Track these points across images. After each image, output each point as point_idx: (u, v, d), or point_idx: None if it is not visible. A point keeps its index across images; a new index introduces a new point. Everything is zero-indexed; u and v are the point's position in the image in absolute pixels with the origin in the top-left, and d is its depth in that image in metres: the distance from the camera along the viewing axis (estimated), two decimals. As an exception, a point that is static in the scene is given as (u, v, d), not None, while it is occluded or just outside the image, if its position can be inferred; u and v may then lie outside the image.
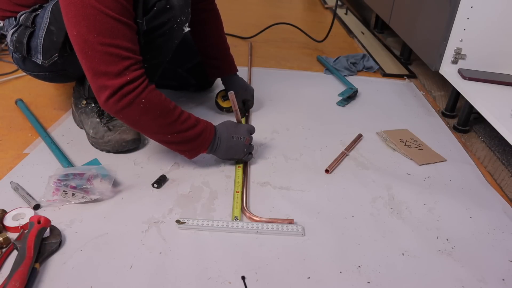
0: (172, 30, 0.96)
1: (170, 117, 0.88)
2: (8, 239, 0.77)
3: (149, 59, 1.00)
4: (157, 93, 0.87)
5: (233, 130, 1.00)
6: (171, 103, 0.89)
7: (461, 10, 1.25)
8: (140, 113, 0.85)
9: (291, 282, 0.74)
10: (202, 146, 0.96)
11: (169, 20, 0.93)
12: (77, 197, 0.87)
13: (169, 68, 1.33)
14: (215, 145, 0.97)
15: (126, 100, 0.82)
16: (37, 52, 0.98)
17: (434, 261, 0.81)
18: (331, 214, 0.91)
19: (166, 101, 0.88)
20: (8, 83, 1.42)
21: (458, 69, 1.33)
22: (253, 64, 1.74)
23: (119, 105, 0.83)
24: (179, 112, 0.90)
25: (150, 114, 0.86)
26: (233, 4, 2.67)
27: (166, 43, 1.00)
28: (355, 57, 1.81)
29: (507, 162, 1.15)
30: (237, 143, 1.00)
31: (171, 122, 0.89)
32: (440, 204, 0.97)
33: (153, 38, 0.95)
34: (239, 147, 1.00)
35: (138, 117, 0.86)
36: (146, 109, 0.85)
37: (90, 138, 1.08)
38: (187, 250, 0.79)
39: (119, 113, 0.85)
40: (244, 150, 1.01)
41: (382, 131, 1.25)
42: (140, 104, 0.84)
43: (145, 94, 0.84)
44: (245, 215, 0.89)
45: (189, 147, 0.95)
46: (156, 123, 0.88)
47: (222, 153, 1.00)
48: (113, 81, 0.80)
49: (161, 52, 1.02)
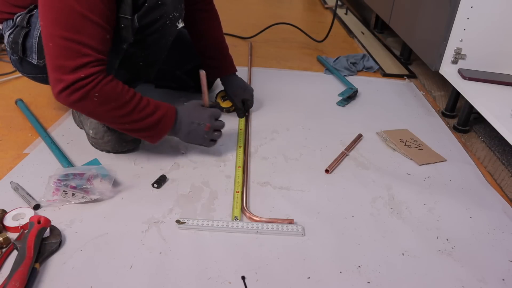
0: (165, 27, 0.95)
1: (126, 108, 0.88)
2: (8, 239, 0.77)
3: (144, 57, 1.00)
4: (113, 85, 0.86)
5: (195, 114, 0.99)
6: (128, 92, 0.88)
7: (461, 10, 1.25)
8: (94, 106, 0.85)
9: (291, 282, 0.74)
10: (162, 132, 0.95)
11: (161, 17, 0.93)
12: (77, 197, 0.87)
13: (168, 70, 1.33)
14: (175, 129, 0.97)
15: (78, 94, 0.82)
16: (32, 52, 0.98)
17: (434, 261, 0.81)
18: (331, 214, 0.91)
19: (123, 92, 0.87)
20: (8, 83, 1.42)
21: (458, 69, 1.33)
22: (253, 64, 1.74)
23: (71, 98, 0.83)
24: (136, 101, 0.89)
25: (104, 106, 0.86)
26: (233, 4, 2.67)
27: (160, 40, 0.99)
28: (355, 57, 1.81)
29: (507, 162, 1.15)
30: (197, 129, 0.99)
31: (128, 113, 0.88)
32: (440, 204, 0.97)
33: (146, 35, 0.95)
34: (198, 133, 1.00)
35: (92, 110, 0.86)
36: (100, 102, 0.85)
37: (90, 138, 1.08)
38: (187, 250, 0.79)
39: (73, 106, 0.85)
40: (203, 136, 1.01)
41: (382, 131, 1.25)
42: (94, 98, 0.83)
43: (98, 88, 0.83)
44: (245, 215, 0.89)
45: (148, 134, 0.95)
46: (111, 114, 0.88)
47: (182, 137, 1.00)
48: (67, 75, 0.81)
49: (156, 49, 1.02)
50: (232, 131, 1.21)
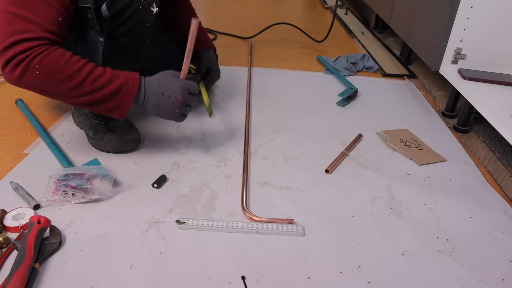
0: (138, 12, 0.92)
1: (75, 79, 0.83)
2: (8, 239, 0.77)
3: (125, 48, 0.98)
4: (56, 55, 0.81)
5: (166, 85, 0.92)
6: (78, 63, 0.83)
7: (461, 10, 1.25)
8: (39, 79, 0.81)
9: (291, 282, 0.74)
10: (125, 102, 0.89)
11: (131, 2, 0.90)
12: (77, 197, 0.87)
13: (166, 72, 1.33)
14: (141, 99, 0.91)
15: (19, 69, 0.80)
16: None
17: (434, 261, 0.81)
18: (331, 214, 0.91)
19: (70, 62, 0.83)
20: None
21: (458, 69, 1.33)
22: (253, 64, 1.74)
23: (14, 74, 0.81)
24: (87, 71, 0.84)
25: (50, 79, 0.82)
26: (233, 4, 2.68)
27: (137, 27, 0.95)
28: (355, 57, 1.81)
29: (507, 162, 1.15)
30: (167, 101, 0.92)
31: (78, 84, 0.83)
32: (440, 204, 0.97)
33: (120, 24, 0.93)
34: (168, 106, 0.93)
35: (39, 84, 0.83)
36: (44, 75, 0.81)
37: (90, 139, 1.08)
38: (187, 250, 0.79)
39: (18, 83, 0.83)
40: (174, 111, 0.94)
41: (382, 131, 1.25)
42: (36, 71, 0.80)
43: (38, 59, 0.80)
44: (245, 215, 0.89)
45: (110, 106, 0.89)
46: (61, 88, 0.83)
47: (151, 109, 0.94)
48: (6, 51, 0.79)
49: (136, 38, 0.98)
50: (233, 131, 1.21)
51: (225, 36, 2.07)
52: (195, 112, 1.29)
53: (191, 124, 1.22)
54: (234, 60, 1.76)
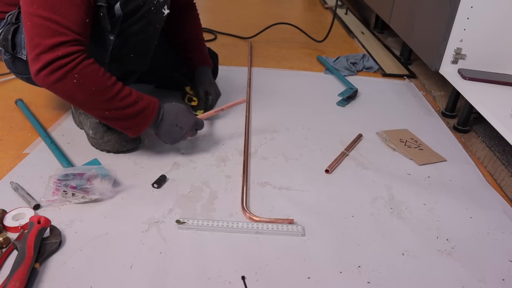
0: (150, 13, 0.94)
1: (106, 94, 0.86)
2: (8, 239, 0.77)
3: (133, 47, 0.99)
4: (94, 68, 0.84)
5: (181, 118, 0.99)
6: (110, 79, 0.87)
7: (461, 10, 1.25)
8: (73, 88, 0.83)
9: (291, 282, 0.74)
10: (142, 124, 0.94)
11: (145, 3, 0.92)
12: (77, 197, 0.87)
13: (165, 73, 1.33)
14: (156, 123, 0.97)
15: (57, 74, 0.81)
16: (22, 47, 0.98)
17: (434, 261, 0.81)
18: (331, 214, 0.91)
19: (104, 77, 0.86)
20: (8, 83, 1.42)
21: (458, 69, 1.33)
22: (253, 64, 1.74)
23: (49, 79, 0.81)
24: (118, 89, 0.87)
25: (84, 90, 0.84)
26: (233, 4, 2.68)
27: (147, 28, 0.97)
28: (355, 57, 1.81)
29: (507, 162, 1.15)
30: (177, 132, 1.00)
31: (108, 99, 0.87)
32: (440, 204, 0.97)
33: (131, 23, 0.93)
34: (177, 137, 1.01)
35: (71, 93, 0.84)
36: (80, 85, 0.83)
37: (90, 138, 1.08)
38: (187, 250, 0.79)
39: (51, 87, 0.83)
40: (179, 140, 1.04)
41: (382, 131, 1.25)
42: (73, 79, 0.82)
43: (78, 69, 0.82)
44: (245, 215, 0.89)
45: (128, 125, 0.93)
46: (91, 99, 0.86)
47: (160, 133, 1.00)
48: (45, 54, 0.79)
49: (145, 38, 1.00)
50: (233, 131, 1.21)
51: (225, 36, 2.07)
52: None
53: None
54: (234, 60, 1.76)
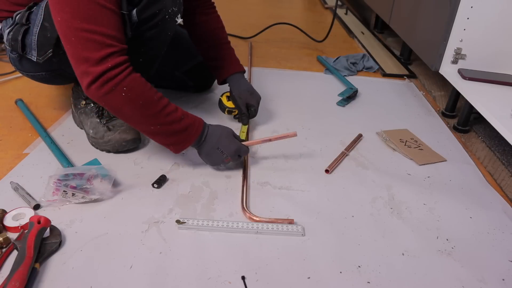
0: (164, 21, 0.95)
1: (153, 108, 0.87)
2: (8, 239, 0.77)
3: (143, 52, 0.99)
4: (141, 81, 0.86)
5: (224, 143, 0.97)
6: (157, 94, 0.88)
7: (461, 10, 1.25)
8: (122, 101, 0.84)
9: (291, 282, 0.74)
10: (187, 141, 0.94)
11: (160, 11, 0.93)
12: (77, 197, 0.87)
13: (167, 71, 1.33)
14: (199, 142, 0.96)
15: (108, 86, 0.81)
16: (32, 49, 0.98)
17: (434, 261, 0.81)
18: (331, 214, 0.91)
19: (151, 91, 0.87)
20: (8, 83, 1.42)
21: (458, 69, 1.33)
22: (253, 64, 1.74)
23: (101, 91, 0.82)
24: (164, 104, 0.88)
25: (132, 103, 0.85)
26: (233, 4, 2.67)
27: (160, 35, 0.99)
28: (355, 57, 1.81)
29: (507, 162, 1.15)
30: (218, 156, 0.98)
31: (155, 113, 0.87)
32: (440, 204, 0.97)
33: (145, 30, 0.94)
34: (217, 160, 0.99)
35: (120, 105, 0.85)
36: (129, 98, 0.84)
37: (90, 138, 1.08)
38: (187, 250, 0.79)
39: (102, 100, 0.84)
40: (219, 164, 1.01)
41: (382, 131, 1.25)
42: (122, 92, 0.83)
43: (127, 81, 0.83)
44: (245, 215, 0.89)
45: (172, 141, 0.93)
46: (139, 113, 0.87)
47: (201, 153, 0.99)
48: (94, 67, 0.80)
49: (155, 45, 1.01)
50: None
51: (225, 36, 2.06)
52: (195, 111, 1.29)
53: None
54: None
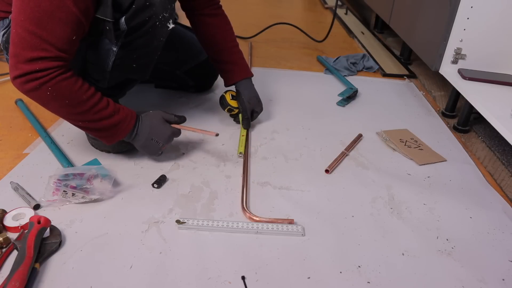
0: (155, 28, 0.94)
1: (80, 107, 0.87)
2: (8, 239, 0.77)
3: (136, 58, 0.99)
4: (70, 82, 0.85)
5: (157, 132, 0.98)
6: (86, 93, 0.87)
7: (461, 10, 1.25)
8: (47, 98, 0.84)
9: (291, 282, 0.74)
10: (116, 136, 0.95)
11: (150, 18, 0.91)
12: (77, 197, 0.87)
13: (167, 70, 1.32)
14: (131, 137, 0.97)
15: (32, 84, 0.82)
16: None
17: (434, 261, 0.81)
18: (331, 214, 0.91)
19: (80, 91, 0.86)
20: (8, 83, 1.42)
21: (458, 69, 1.33)
22: (253, 64, 1.74)
23: (24, 87, 0.83)
24: (94, 102, 0.88)
25: (57, 101, 0.85)
26: (233, 4, 2.67)
27: (152, 41, 0.98)
28: (355, 57, 1.81)
29: (507, 162, 1.15)
30: (154, 146, 0.99)
31: (82, 112, 0.88)
32: (440, 204, 0.97)
33: (136, 37, 0.93)
34: (154, 150, 1.00)
35: (45, 102, 0.86)
36: (54, 97, 0.84)
37: (90, 138, 1.08)
38: (187, 250, 0.79)
39: (26, 94, 0.85)
40: (157, 153, 1.02)
41: (382, 131, 1.25)
42: (47, 92, 0.83)
43: (52, 83, 0.82)
44: (245, 215, 0.89)
45: (103, 135, 0.94)
46: (64, 110, 0.88)
47: (137, 146, 1.00)
48: (22, 65, 0.80)
49: (148, 51, 1.00)
50: (233, 131, 1.21)
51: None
52: (195, 111, 1.29)
53: (192, 124, 1.22)
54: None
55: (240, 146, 1.12)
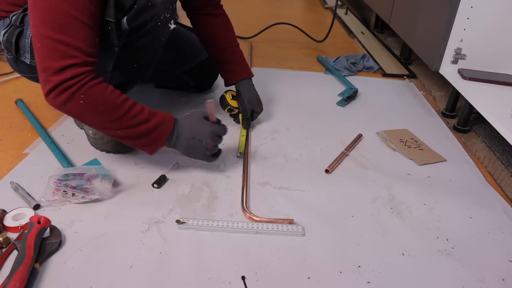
0: (156, 28, 0.94)
1: (116, 113, 0.84)
2: (8, 239, 0.77)
3: (137, 59, 0.99)
4: (101, 87, 0.83)
5: (197, 129, 0.94)
6: (120, 97, 0.85)
7: (461, 10, 1.25)
8: (81, 108, 0.82)
9: (291, 282, 0.74)
10: (157, 141, 0.91)
11: (152, 18, 0.91)
12: (77, 197, 0.87)
13: (167, 70, 1.32)
14: (172, 142, 0.93)
15: (65, 95, 0.80)
16: (25, 51, 0.98)
17: (434, 261, 0.81)
18: (331, 214, 0.91)
19: (112, 96, 0.84)
20: (8, 83, 1.42)
21: (458, 69, 1.33)
22: (253, 64, 1.74)
23: (58, 100, 0.81)
24: (128, 106, 0.85)
25: (92, 109, 0.83)
26: (233, 4, 2.67)
27: (153, 42, 0.97)
28: (355, 57, 1.81)
29: (507, 162, 1.15)
30: (198, 145, 0.94)
31: (118, 118, 0.85)
32: (440, 204, 0.97)
33: (137, 37, 0.93)
34: (199, 150, 0.95)
35: (81, 113, 0.84)
36: (87, 105, 0.82)
37: (90, 138, 1.08)
38: (187, 250, 0.79)
39: (61, 108, 0.83)
40: (205, 153, 0.96)
41: (382, 131, 1.25)
42: (80, 100, 0.81)
43: (84, 89, 0.81)
44: (245, 215, 0.89)
45: (143, 142, 0.90)
46: (100, 119, 0.85)
47: (181, 151, 0.96)
48: (53, 76, 0.79)
49: (149, 51, 1.00)
50: (233, 131, 1.21)
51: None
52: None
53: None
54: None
55: (240, 146, 1.13)
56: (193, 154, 0.97)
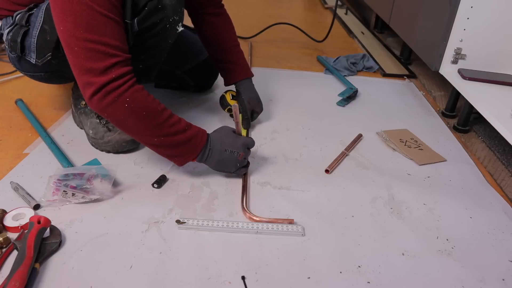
0: (165, 30, 0.94)
1: (156, 119, 0.85)
2: (8, 239, 0.77)
3: (144, 59, 0.99)
4: (144, 93, 0.84)
5: (229, 142, 0.94)
6: (160, 105, 0.86)
7: (461, 10, 1.25)
8: (124, 112, 0.82)
9: (291, 282, 0.74)
10: (191, 153, 0.91)
11: (161, 20, 0.92)
12: (77, 197, 0.87)
13: (167, 70, 1.32)
14: (205, 154, 0.93)
15: (110, 97, 0.80)
16: (31, 51, 0.98)
17: (434, 261, 0.81)
18: (331, 214, 0.91)
19: (154, 102, 0.85)
20: (8, 83, 1.42)
21: (458, 69, 1.33)
22: (253, 64, 1.74)
23: (103, 102, 0.80)
24: (167, 115, 0.86)
25: (135, 114, 0.83)
26: (233, 4, 2.67)
27: (160, 43, 0.98)
28: (355, 57, 1.81)
29: (507, 162, 1.15)
30: (230, 157, 0.94)
31: (158, 125, 0.85)
32: (440, 204, 0.97)
33: (145, 38, 0.94)
34: (231, 161, 0.95)
35: (123, 117, 0.83)
36: (131, 109, 0.82)
37: (90, 138, 1.08)
38: (187, 250, 0.79)
39: (104, 111, 0.83)
40: (236, 165, 0.96)
41: (382, 131, 1.25)
42: (125, 104, 0.81)
43: (129, 93, 0.81)
44: (245, 215, 0.89)
45: (177, 152, 0.91)
46: (141, 124, 0.85)
47: (212, 164, 0.96)
48: (98, 78, 0.78)
49: (155, 53, 1.01)
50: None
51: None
52: (195, 111, 1.29)
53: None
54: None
55: None
56: (224, 167, 0.97)
